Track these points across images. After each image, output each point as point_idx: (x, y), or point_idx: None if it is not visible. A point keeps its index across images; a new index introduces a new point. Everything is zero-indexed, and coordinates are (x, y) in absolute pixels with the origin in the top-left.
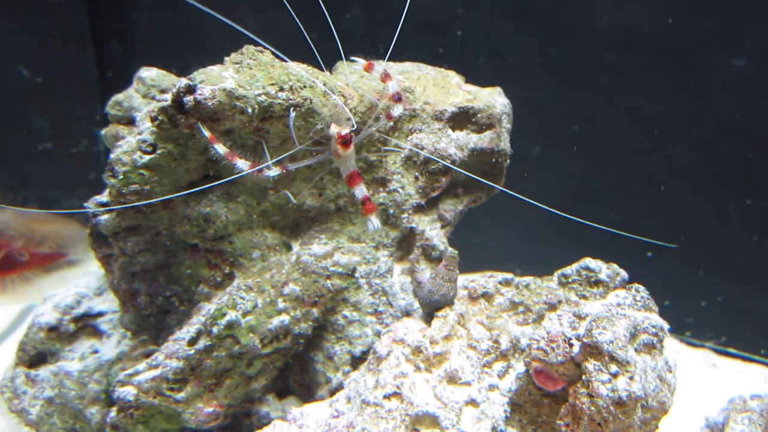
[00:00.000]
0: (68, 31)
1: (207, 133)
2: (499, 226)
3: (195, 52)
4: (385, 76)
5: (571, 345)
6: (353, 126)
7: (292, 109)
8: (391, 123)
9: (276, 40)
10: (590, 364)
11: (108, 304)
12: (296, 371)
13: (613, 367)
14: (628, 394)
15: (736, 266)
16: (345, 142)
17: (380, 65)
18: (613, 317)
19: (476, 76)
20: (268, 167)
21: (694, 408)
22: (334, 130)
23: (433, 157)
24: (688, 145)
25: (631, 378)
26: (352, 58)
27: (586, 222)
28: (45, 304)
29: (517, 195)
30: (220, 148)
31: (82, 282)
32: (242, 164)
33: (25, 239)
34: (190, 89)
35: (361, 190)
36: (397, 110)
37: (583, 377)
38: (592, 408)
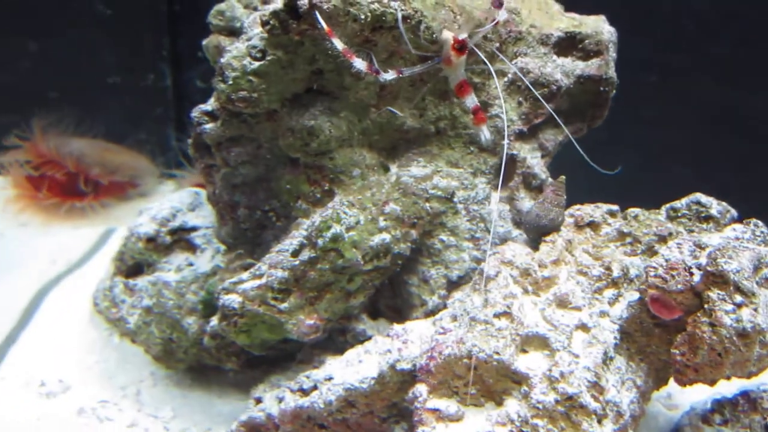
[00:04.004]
0: None
1: (325, 25)
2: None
3: None
4: None
5: (691, 274)
6: (466, 32)
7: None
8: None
9: None
10: (713, 293)
11: (201, 219)
12: (387, 295)
13: (738, 298)
14: (752, 326)
15: None
16: (461, 47)
17: None
18: (737, 249)
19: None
20: (385, 70)
21: None
22: (448, 35)
23: (540, 80)
24: None
25: (755, 309)
26: None
27: None
28: (141, 216)
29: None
30: (338, 44)
31: (175, 197)
32: (359, 64)
33: (100, 167)
34: None
35: (472, 99)
36: (502, 15)
37: (705, 306)
38: (714, 337)
